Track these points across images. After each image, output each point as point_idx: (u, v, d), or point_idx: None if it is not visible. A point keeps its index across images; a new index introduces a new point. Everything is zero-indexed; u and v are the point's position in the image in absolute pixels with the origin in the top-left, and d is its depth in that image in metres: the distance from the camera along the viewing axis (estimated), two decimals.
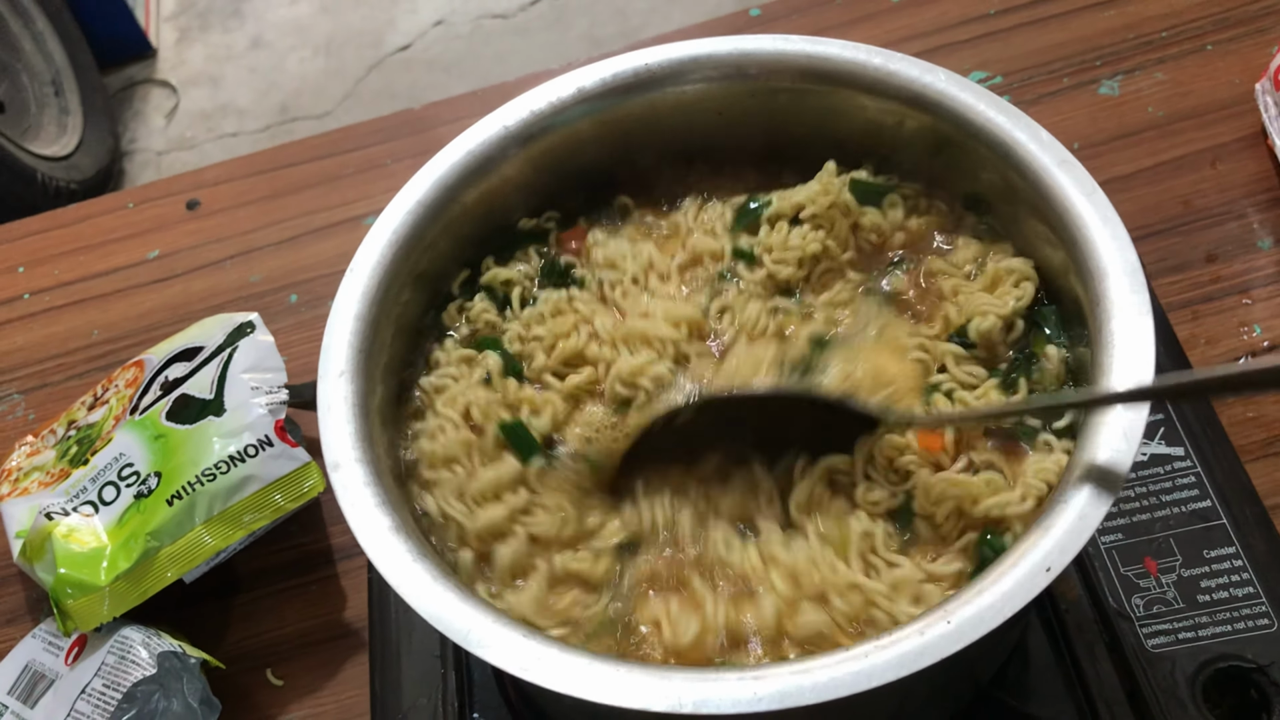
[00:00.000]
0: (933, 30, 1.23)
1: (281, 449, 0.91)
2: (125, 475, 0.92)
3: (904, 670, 0.51)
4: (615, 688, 0.52)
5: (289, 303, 1.15)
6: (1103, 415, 0.56)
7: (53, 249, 1.26)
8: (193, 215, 1.25)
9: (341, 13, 3.36)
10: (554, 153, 0.78)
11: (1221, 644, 0.74)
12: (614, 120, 0.78)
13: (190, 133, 3.18)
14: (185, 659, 0.84)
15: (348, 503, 0.59)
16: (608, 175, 0.81)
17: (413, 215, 0.72)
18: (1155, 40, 1.17)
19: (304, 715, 0.90)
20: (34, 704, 0.87)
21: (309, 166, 1.27)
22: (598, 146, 0.78)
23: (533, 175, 0.78)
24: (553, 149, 0.77)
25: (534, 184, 0.79)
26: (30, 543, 0.90)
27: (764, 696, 0.51)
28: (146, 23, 3.37)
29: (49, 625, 0.92)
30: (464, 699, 0.80)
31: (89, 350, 1.16)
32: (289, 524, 0.97)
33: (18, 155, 2.63)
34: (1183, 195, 1.06)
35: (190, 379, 0.96)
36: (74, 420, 1.03)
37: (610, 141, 0.79)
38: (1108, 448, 0.55)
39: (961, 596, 0.53)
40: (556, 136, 0.77)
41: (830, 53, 0.73)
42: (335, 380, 0.64)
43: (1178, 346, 0.91)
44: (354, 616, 0.94)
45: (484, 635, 0.54)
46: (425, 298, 0.75)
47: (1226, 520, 0.78)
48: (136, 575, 0.87)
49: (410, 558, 0.57)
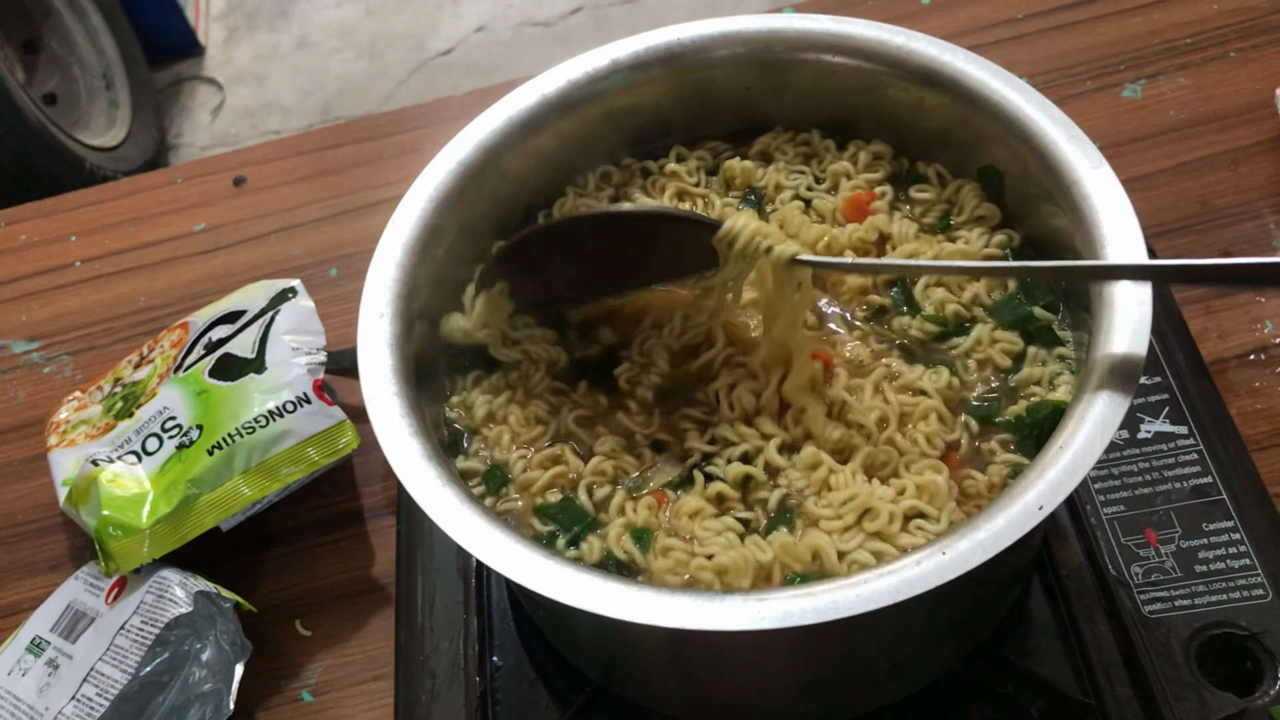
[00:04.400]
0: (962, 32, 1.26)
1: (318, 406, 0.94)
2: (168, 427, 0.96)
3: (900, 595, 0.54)
4: (625, 604, 0.55)
5: (329, 276, 1.19)
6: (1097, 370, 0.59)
7: (104, 220, 1.31)
8: (239, 191, 1.30)
9: (386, 16, 3.43)
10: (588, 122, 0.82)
11: (1216, 612, 0.76)
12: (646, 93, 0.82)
13: (234, 129, 3.25)
14: (219, 600, 0.88)
15: (383, 430, 0.63)
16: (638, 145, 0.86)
17: (453, 174, 0.76)
18: (1180, 46, 1.19)
19: (331, 664, 0.93)
20: (75, 639, 0.91)
21: (352, 148, 1.31)
22: (631, 117, 0.82)
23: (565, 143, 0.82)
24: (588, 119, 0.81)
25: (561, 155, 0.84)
26: (77, 488, 0.94)
27: (766, 616, 0.54)
28: (196, 21, 3.45)
29: (91, 568, 0.96)
30: (484, 642, 0.83)
31: (135, 316, 1.21)
32: (322, 483, 1.01)
33: (68, 144, 2.71)
34: (1201, 195, 1.08)
35: (233, 339, 1.00)
36: (120, 378, 1.08)
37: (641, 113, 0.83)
38: (1103, 397, 0.58)
39: (959, 532, 0.56)
40: (591, 107, 0.81)
41: (854, 31, 0.76)
42: (375, 321, 0.68)
43: (1190, 339, 0.94)
44: (381, 573, 0.97)
45: (504, 553, 0.58)
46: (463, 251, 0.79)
47: (1226, 496, 0.81)
48: (176, 520, 0.90)
49: (440, 483, 0.61)
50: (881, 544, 0.65)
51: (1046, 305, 0.74)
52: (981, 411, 0.72)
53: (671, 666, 0.72)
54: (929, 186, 0.82)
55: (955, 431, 0.71)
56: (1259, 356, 0.96)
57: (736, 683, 0.71)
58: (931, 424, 0.71)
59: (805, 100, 0.82)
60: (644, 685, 0.78)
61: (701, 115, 0.86)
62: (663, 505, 0.71)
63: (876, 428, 0.71)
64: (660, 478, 0.72)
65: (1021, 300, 0.74)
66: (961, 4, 1.29)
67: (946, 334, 0.75)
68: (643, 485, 0.72)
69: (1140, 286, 0.62)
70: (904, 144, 0.84)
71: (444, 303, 0.77)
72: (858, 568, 0.64)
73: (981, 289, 0.76)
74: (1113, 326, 0.61)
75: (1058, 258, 0.73)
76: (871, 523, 0.66)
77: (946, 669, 0.75)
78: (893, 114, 0.82)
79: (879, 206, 0.81)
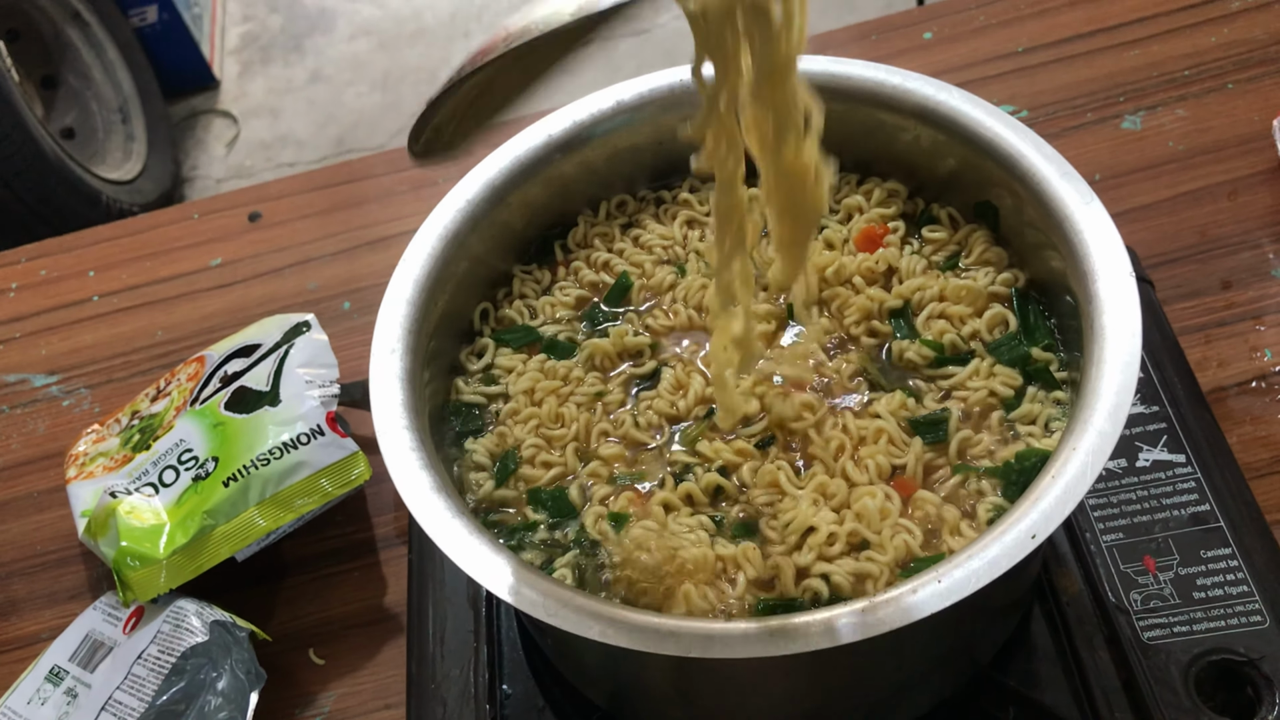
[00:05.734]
0: (963, 65, 1.28)
1: (332, 438, 0.96)
2: (185, 460, 0.98)
3: (898, 623, 0.55)
4: (630, 633, 0.57)
5: (342, 309, 1.21)
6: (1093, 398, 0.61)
7: (121, 255, 1.33)
8: (254, 226, 1.32)
9: (399, 50, 3.47)
10: (590, 162, 0.84)
11: (1215, 638, 0.77)
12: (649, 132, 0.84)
13: (249, 161, 3.29)
14: (235, 629, 0.90)
15: (394, 462, 0.65)
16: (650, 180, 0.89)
17: (461, 213, 0.78)
18: (1178, 78, 1.21)
19: (344, 693, 0.94)
20: (93, 669, 0.93)
21: (366, 183, 1.34)
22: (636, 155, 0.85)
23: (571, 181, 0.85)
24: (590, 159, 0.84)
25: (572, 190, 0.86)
26: (95, 519, 0.96)
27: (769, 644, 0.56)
28: (211, 55, 3.49)
29: (109, 598, 0.98)
30: (494, 671, 0.85)
31: (153, 349, 1.23)
32: (335, 514, 1.02)
33: (85, 178, 2.74)
34: (1200, 225, 1.09)
35: (248, 372, 1.02)
36: (137, 410, 1.10)
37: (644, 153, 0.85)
38: (1095, 428, 0.60)
39: (953, 560, 0.58)
40: (597, 146, 0.83)
41: (850, 71, 0.78)
42: (386, 356, 0.70)
43: (1188, 368, 0.95)
44: (394, 602, 0.99)
45: (513, 583, 0.60)
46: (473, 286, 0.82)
47: (1224, 523, 0.82)
48: (192, 550, 0.92)
49: (449, 514, 0.63)
50: (829, 565, 0.67)
51: (1045, 347, 0.75)
52: (932, 434, 0.73)
53: (675, 693, 0.73)
54: (941, 228, 0.84)
55: (903, 455, 0.72)
56: (1259, 384, 0.98)
57: (739, 710, 0.72)
58: (880, 447, 0.72)
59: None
60: (649, 711, 0.80)
61: None
62: (640, 500, 0.73)
63: (833, 457, 0.72)
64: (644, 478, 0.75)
65: (1021, 340, 0.76)
66: (963, 38, 1.31)
67: (942, 360, 0.77)
68: (626, 479, 0.75)
69: (1129, 318, 0.63)
70: (919, 187, 0.86)
71: (455, 337, 0.80)
72: (810, 593, 0.66)
73: (982, 325, 0.78)
74: (1103, 358, 0.62)
75: (1057, 295, 0.75)
76: (814, 538, 0.68)
77: (947, 695, 0.77)
78: (903, 156, 0.84)
79: (891, 240, 0.83)
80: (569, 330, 0.84)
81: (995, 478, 0.70)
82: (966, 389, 0.75)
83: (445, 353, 0.81)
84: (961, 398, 0.75)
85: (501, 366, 0.82)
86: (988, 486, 0.70)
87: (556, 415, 0.78)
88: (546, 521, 0.74)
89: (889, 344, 0.79)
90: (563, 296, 0.85)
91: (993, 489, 0.70)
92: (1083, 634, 0.79)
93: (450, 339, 0.82)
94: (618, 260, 0.86)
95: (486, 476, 0.76)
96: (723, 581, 0.68)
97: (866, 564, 0.67)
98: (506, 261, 0.87)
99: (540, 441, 0.77)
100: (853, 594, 0.66)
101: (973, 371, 0.76)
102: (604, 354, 0.81)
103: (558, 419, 0.78)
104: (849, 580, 0.66)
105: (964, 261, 0.82)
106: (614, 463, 0.76)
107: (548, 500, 0.74)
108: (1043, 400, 0.73)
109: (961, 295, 0.79)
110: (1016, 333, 0.76)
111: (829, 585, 0.67)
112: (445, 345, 0.81)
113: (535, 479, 0.76)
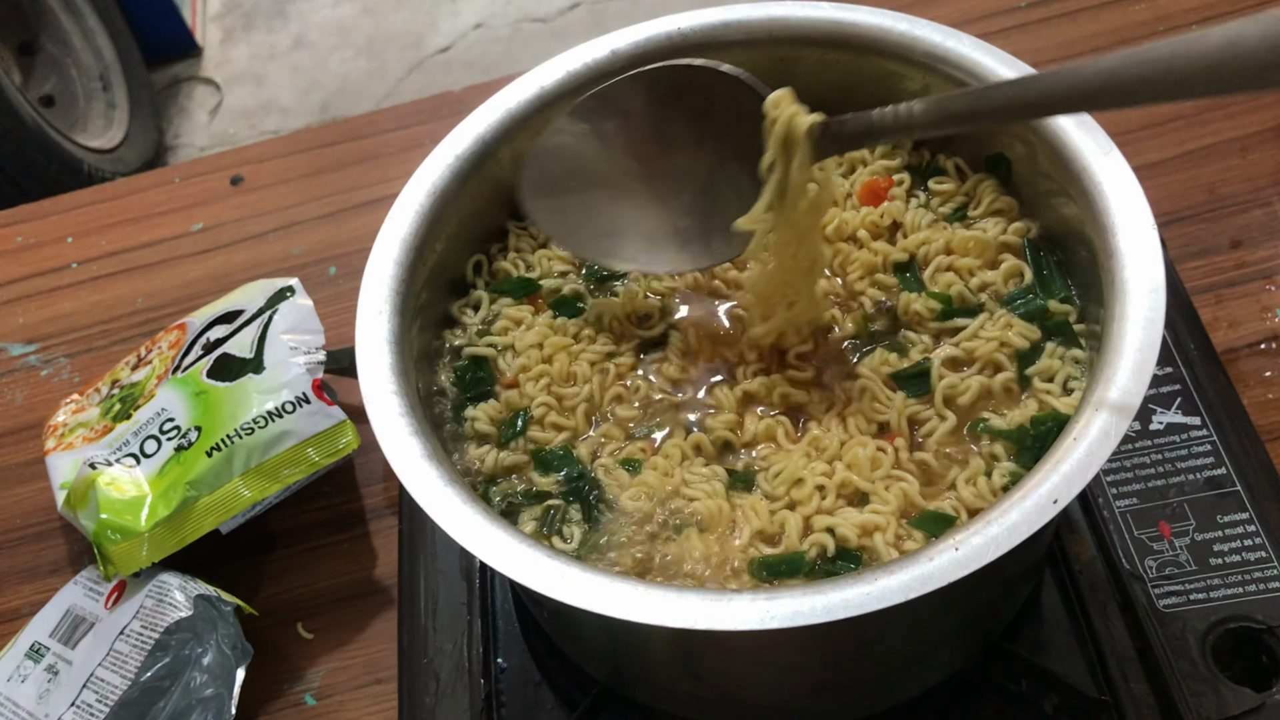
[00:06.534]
0: (965, 21, 1.25)
1: (318, 406, 0.93)
2: (166, 429, 0.95)
3: (912, 593, 0.53)
4: (631, 605, 0.54)
5: (328, 275, 1.18)
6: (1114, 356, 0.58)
7: (101, 220, 1.30)
8: (236, 190, 1.29)
9: (384, 14, 3.42)
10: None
11: (1232, 605, 0.75)
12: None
13: (233, 129, 3.24)
14: (220, 604, 0.87)
15: (382, 430, 0.62)
16: None
17: (451, 169, 0.75)
18: (1185, 31, 1.18)
19: (333, 667, 0.92)
20: (74, 645, 0.90)
21: (350, 145, 1.30)
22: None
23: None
24: None
25: None
26: (74, 491, 0.93)
27: (776, 615, 0.53)
28: (193, 22, 3.43)
29: (90, 573, 0.95)
30: (489, 644, 0.82)
31: (133, 317, 1.20)
32: (322, 484, 1.00)
33: (66, 146, 2.70)
34: (1209, 183, 1.07)
35: (231, 339, 0.99)
36: (118, 379, 1.07)
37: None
38: (1117, 387, 0.57)
39: (970, 528, 0.55)
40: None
41: (857, 19, 0.75)
42: (373, 318, 0.67)
43: (1201, 329, 0.92)
44: (384, 574, 0.96)
45: (507, 554, 0.57)
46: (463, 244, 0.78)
47: (1240, 487, 0.79)
48: (175, 522, 0.89)
49: (441, 483, 0.60)
50: (832, 519, 0.66)
51: (1062, 299, 0.72)
52: (914, 387, 0.71)
53: (679, 667, 0.71)
54: (948, 179, 0.81)
55: (887, 410, 0.70)
56: (1270, 345, 0.95)
57: (746, 682, 0.70)
58: (865, 404, 0.71)
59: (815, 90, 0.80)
60: (651, 686, 0.77)
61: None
62: (652, 449, 0.72)
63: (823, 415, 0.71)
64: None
65: (1037, 293, 0.73)
66: None
67: (949, 313, 0.74)
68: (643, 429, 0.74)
69: (1153, 272, 0.60)
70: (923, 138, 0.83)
71: (444, 297, 0.76)
72: (817, 547, 0.65)
73: (999, 278, 0.75)
74: (1125, 314, 0.60)
75: (1071, 247, 0.72)
76: (799, 491, 0.67)
77: (959, 666, 0.74)
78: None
79: (896, 194, 0.80)
80: (571, 284, 0.80)
81: (1009, 441, 0.67)
82: (978, 339, 0.72)
83: (435, 305, 0.78)
84: (969, 349, 0.72)
85: (510, 317, 0.79)
86: (1001, 450, 0.67)
87: (568, 374, 0.75)
88: (553, 485, 0.71)
89: (894, 300, 0.76)
90: (559, 250, 0.82)
91: (1006, 454, 0.67)
92: (1096, 602, 0.76)
93: (441, 292, 0.79)
94: None
95: (489, 449, 0.73)
96: (729, 535, 0.66)
97: (870, 515, 0.65)
98: (499, 216, 0.83)
99: (551, 400, 0.74)
100: (859, 546, 0.64)
101: (982, 323, 0.73)
102: (614, 315, 0.77)
103: (569, 378, 0.75)
104: (854, 532, 0.64)
105: (972, 212, 0.78)
106: (629, 423, 0.73)
107: (554, 460, 0.71)
108: (1061, 357, 0.70)
109: (969, 247, 0.76)
110: (1032, 285, 0.73)
111: (834, 538, 0.64)
112: (435, 298, 0.77)
113: (544, 441, 0.73)
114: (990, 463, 0.67)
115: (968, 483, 0.66)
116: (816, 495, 0.66)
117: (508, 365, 0.76)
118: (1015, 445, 0.67)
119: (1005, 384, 0.70)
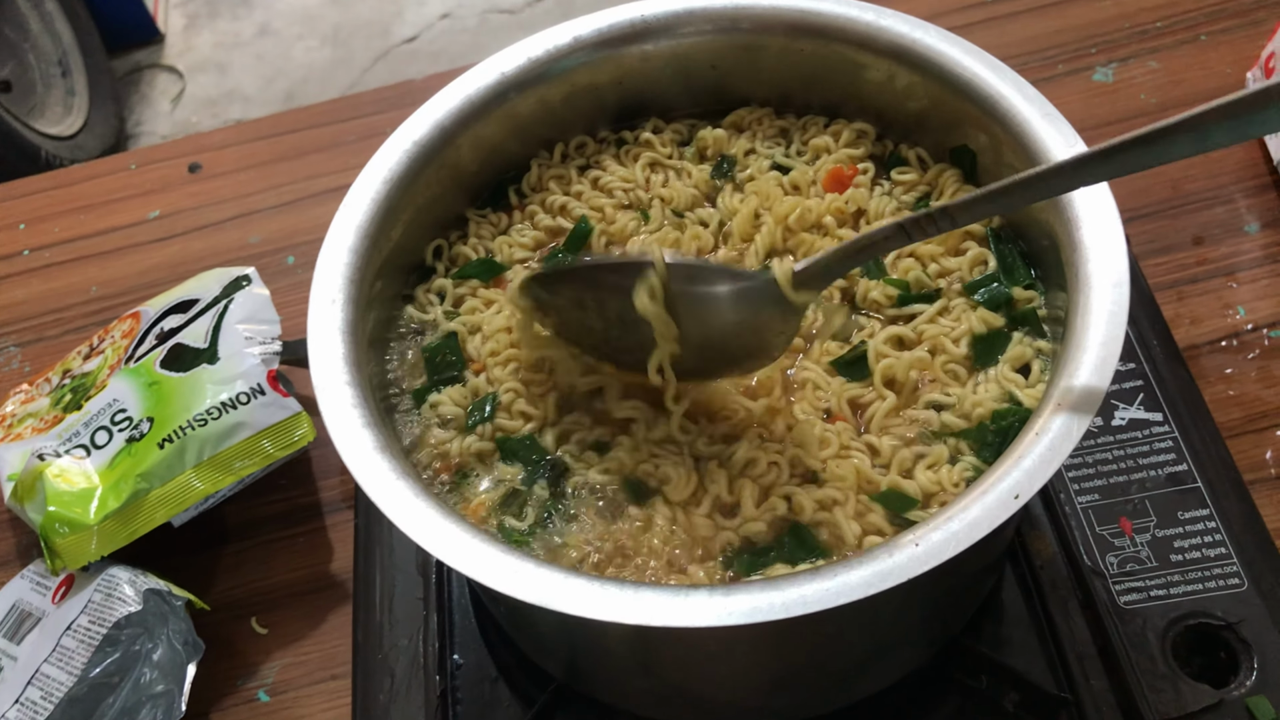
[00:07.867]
0: (931, 15, 1.21)
1: (273, 398, 0.92)
2: (118, 420, 0.93)
3: (872, 589, 0.52)
4: (588, 601, 0.53)
5: (286, 264, 1.16)
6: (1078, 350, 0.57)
7: (55, 207, 1.27)
8: (194, 178, 1.27)
9: (350, 3, 3.38)
10: (548, 101, 0.79)
11: (1192, 601, 0.75)
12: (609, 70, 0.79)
13: (195, 118, 3.20)
14: (170, 598, 0.85)
15: (334, 421, 0.60)
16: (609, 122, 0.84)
17: (409, 155, 0.73)
18: (1150, 30, 1.18)
19: (287, 663, 0.90)
20: (20, 640, 0.88)
21: (311, 133, 1.28)
22: (595, 95, 0.80)
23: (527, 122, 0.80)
24: (547, 98, 0.79)
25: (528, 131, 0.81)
26: (22, 483, 0.91)
27: (734, 612, 0.52)
28: (155, 8, 3.39)
29: (37, 567, 0.93)
30: (444, 640, 0.81)
31: (87, 306, 1.18)
32: (278, 477, 0.98)
33: (23, 133, 2.65)
34: (1172, 179, 1.07)
35: (185, 329, 0.97)
36: (69, 369, 1.04)
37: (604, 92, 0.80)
38: (1081, 381, 0.56)
39: (931, 523, 0.54)
40: (552, 85, 0.78)
41: (823, 7, 0.74)
42: (327, 307, 0.66)
43: (1164, 324, 0.92)
44: (340, 569, 0.95)
45: (462, 550, 0.56)
46: (420, 232, 0.77)
47: (1201, 483, 0.79)
48: (126, 515, 0.87)
49: (393, 475, 0.59)
50: (790, 487, 0.66)
51: (1026, 286, 0.72)
52: (853, 371, 0.71)
53: (636, 664, 0.70)
54: (910, 169, 0.80)
55: (829, 397, 0.70)
56: (1231, 343, 0.95)
57: (704, 679, 0.69)
58: (807, 393, 0.71)
59: (779, 81, 0.80)
60: (608, 683, 0.76)
61: (672, 95, 0.84)
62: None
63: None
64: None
65: (1001, 280, 0.72)
66: None
67: (907, 299, 0.73)
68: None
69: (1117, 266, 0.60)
70: (886, 128, 0.82)
71: (399, 286, 0.75)
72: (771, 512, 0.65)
73: (964, 265, 0.74)
74: (1089, 308, 0.59)
75: (1033, 237, 0.71)
76: (753, 470, 0.67)
77: (919, 663, 0.74)
78: (873, 98, 0.80)
79: (861, 182, 0.80)
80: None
81: (969, 439, 0.67)
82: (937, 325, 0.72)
83: (391, 292, 0.77)
84: (919, 331, 0.72)
85: (484, 298, 0.77)
86: (964, 446, 0.67)
87: (538, 360, 0.74)
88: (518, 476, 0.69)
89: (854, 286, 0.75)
90: (519, 238, 0.81)
91: (969, 449, 0.66)
92: (1057, 598, 0.76)
93: (396, 280, 0.78)
94: (575, 204, 0.82)
95: (454, 435, 0.72)
96: (693, 506, 0.66)
97: (829, 490, 0.65)
98: (459, 204, 0.82)
99: (519, 387, 0.73)
100: (817, 521, 0.65)
101: (940, 308, 0.72)
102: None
103: (539, 364, 0.74)
104: (812, 503, 0.65)
105: (934, 201, 0.78)
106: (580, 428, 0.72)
107: (518, 449, 0.70)
108: (1030, 346, 0.70)
109: None
110: (995, 273, 0.73)
111: (789, 506, 0.65)
112: (390, 286, 0.76)
113: (511, 430, 0.71)
114: (956, 452, 0.66)
115: (929, 468, 0.65)
116: (773, 470, 0.67)
117: (476, 350, 0.75)
118: (975, 442, 0.66)
119: (946, 364, 0.70)
